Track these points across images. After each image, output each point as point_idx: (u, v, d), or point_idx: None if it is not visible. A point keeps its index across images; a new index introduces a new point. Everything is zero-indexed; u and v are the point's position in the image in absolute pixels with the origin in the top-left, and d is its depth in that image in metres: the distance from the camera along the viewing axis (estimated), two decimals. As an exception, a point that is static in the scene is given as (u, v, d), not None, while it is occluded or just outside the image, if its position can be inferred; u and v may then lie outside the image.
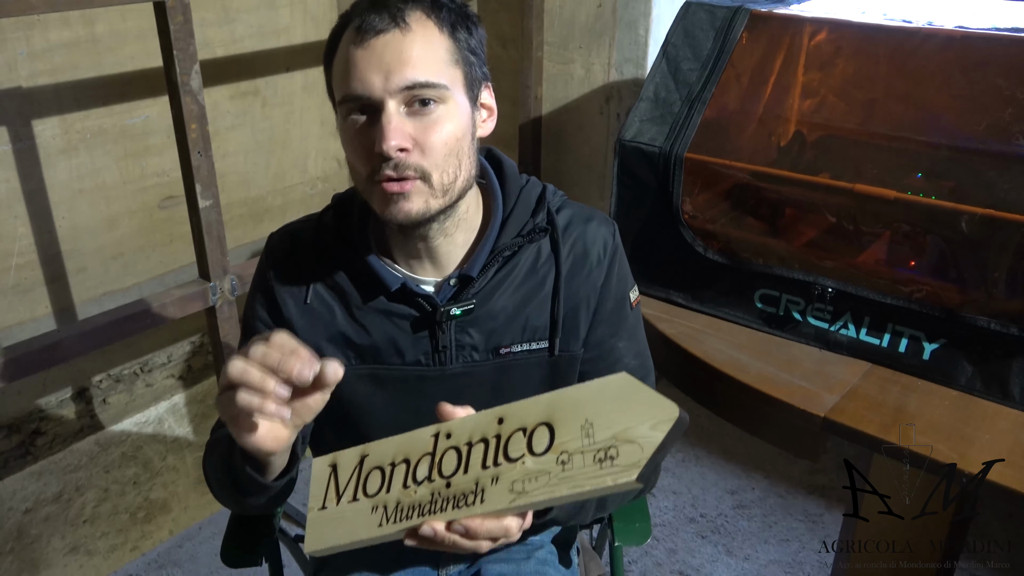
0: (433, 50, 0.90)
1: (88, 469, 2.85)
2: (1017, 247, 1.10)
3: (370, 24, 0.87)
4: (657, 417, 0.66)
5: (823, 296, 1.24)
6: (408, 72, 0.88)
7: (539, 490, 0.71)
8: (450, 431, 0.79)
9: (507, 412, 0.76)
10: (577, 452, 0.70)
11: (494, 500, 0.74)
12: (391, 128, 0.87)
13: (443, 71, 0.90)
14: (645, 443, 0.66)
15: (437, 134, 0.90)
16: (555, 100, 2.57)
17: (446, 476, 0.77)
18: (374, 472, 0.83)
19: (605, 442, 0.68)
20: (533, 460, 0.72)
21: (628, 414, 0.68)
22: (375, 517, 0.81)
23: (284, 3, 2.87)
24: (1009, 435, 1.08)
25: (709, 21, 1.40)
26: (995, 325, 1.11)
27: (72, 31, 2.39)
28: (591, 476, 0.68)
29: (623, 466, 0.67)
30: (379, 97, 0.88)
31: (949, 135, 1.33)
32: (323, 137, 3.20)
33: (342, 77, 0.90)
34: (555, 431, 0.72)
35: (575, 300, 1.04)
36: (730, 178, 1.35)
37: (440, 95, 0.90)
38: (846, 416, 1.11)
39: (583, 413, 0.71)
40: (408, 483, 0.80)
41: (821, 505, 2.19)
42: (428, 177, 0.91)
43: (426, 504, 0.78)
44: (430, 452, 0.80)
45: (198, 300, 1.91)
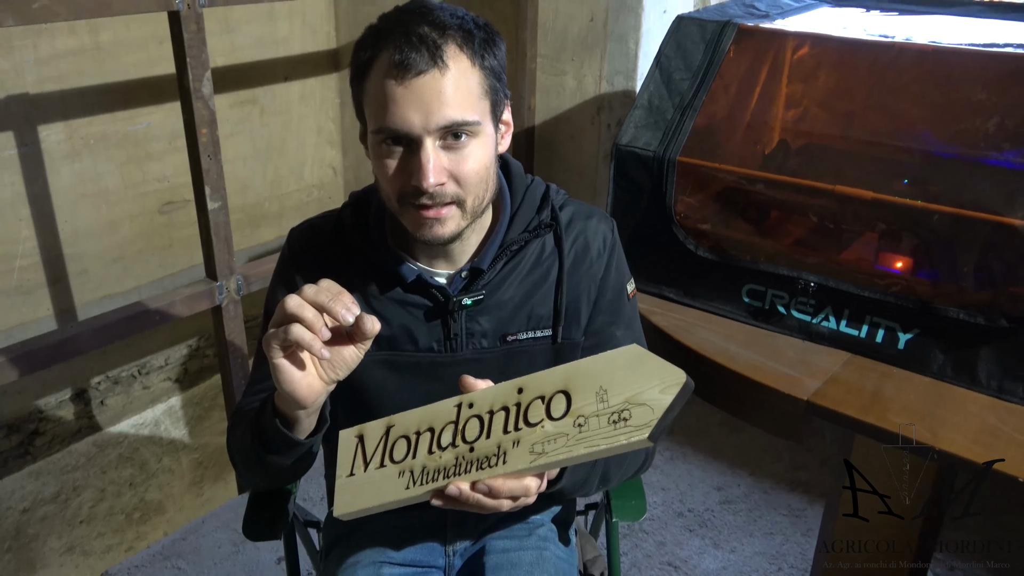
0: (468, 87, 0.95)
1: (86, 470, 2.88)
2: (984, 243, 1.19)
3: (411, 63, 0.91)
4: (666, 381, 0.74)
5: (806, 290, 1.33)
6: (447, 112, 0.93)
7: (558, 450, 0.79)
8: (472, 401, 0.86)
9: (526, 383, 0.83)
10: (593, 415, 0.77)
11: (516, 461, 0.81)
12: (431, 167, 0.94)
13: (476, 106, 0.96)
14: (655, 405, 0.74)
15: (471, 165, 0.97)
16: (548, 110, 2.66)
17: (469, 441, 0.85)
18: (400, 440, 0.90)
19: (619, 405, 0.76)
20: (552, 424, 0.80)
21: (639, 380, 0.76)
22: (402, 481, 0.87)
23: (283, 14, 2.94)
24: (976, 417, 1.17)
25: (700, 34, 1.49)
26: (964, 315, 1.20)
27: (78, 39, 2.45)
28: (606, 436, 0.76)
29: (635, 426, 0.74)
30: (418, 135, 0.94)
31: (923, 142, 1.42)
32: (319, 145, 3.27)
33: (379, 108, 0.95)
34: (572, 398, 0.80)
35: (577, 291, 1.12)
36: (720, 181, 1.43)
37: (473, 130, 0.96)
38: (828, 400, 1.19)
39: (598, 381, 0.78)
40: (433, 449, 0.87)
41: (804, 500, 2.27)
42: (463, 203, 0.99)
43: (451, 467, 0.85)
44: (453, 421, 0.87)
45: (205, 299, 1.97)
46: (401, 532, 1.24)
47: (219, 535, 2.12)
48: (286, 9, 2.93)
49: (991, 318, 1.18)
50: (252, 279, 2.04)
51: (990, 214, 1.18)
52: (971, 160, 1.34)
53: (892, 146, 1.48)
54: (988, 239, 1.19)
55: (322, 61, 3.13)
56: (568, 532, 1.30)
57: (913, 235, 1.28)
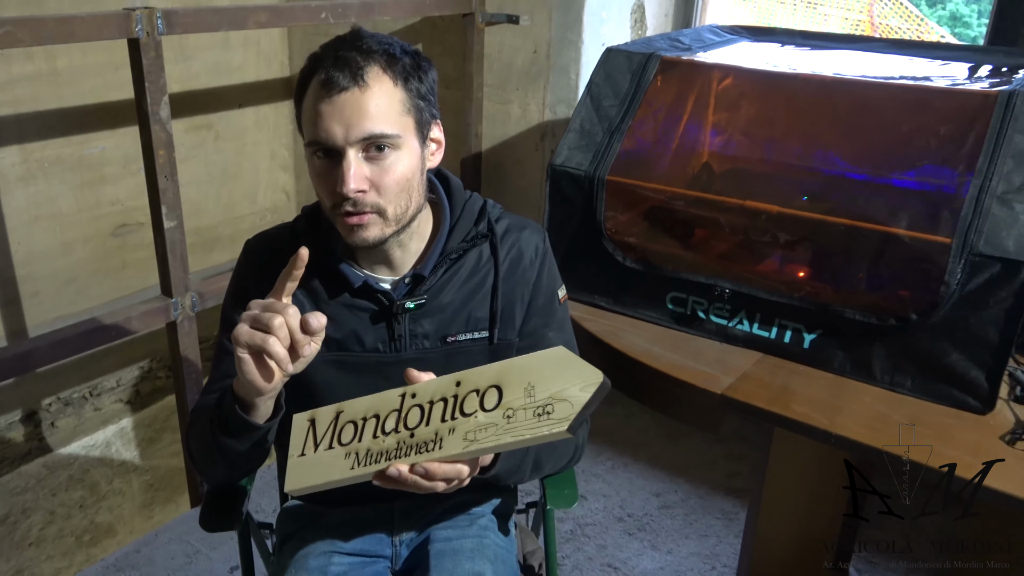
0: (388, 104, 1.07)
1: (35, 492, 2.88)
2: (874, 251, 1.34)
3: (334, 81, 1.03)
4: (586, 381, 0.86)
5: (722, 297, 1.45)
6: (366, 124, 1.05)
7: (488, 439, 0.89)
8: (415, 392, 0.97)
9: (464, 377, 0.94)
10: (520, 408, 0.88)
11: (450, 446, 0.91)
12: (350, 175, 1.05)
13: (397, 121, 1.08)
14: (575, 401, 0.85)
15: (391, 176, 1.08)
16: (495, 137, 2.78)
17: (410, 428, 0.95)
18: (348, 425, 0.99)
19: (543, 400, 0.87)
20: (484, 415, 0.90)
21: (563, 379, 0.87)
22: (348, 461, 0.97)
23: (238, 43, 3.03)
24: (870, 407, 1.30)
25: (626, 64, 1.63)
26: (859, 316, 1.33)
27: (35, 65, 2.51)
28: (531, 427, 0.87)
29: (557, 419, 0.85)
30: (340, 146, 1.05)
31: (827, 163, 1.57)
32: (272, 170, 3.35)
33: (309, 123, 1.07)
34: (503, 392, 0.90)
35: (512, 296, 1.23)
36: (645, 198, 1.56)
37: (394, 142, 1.08)
38: (739, 393, 1.31)
39: (527, 378, 0.90)
40: (377, 434, 0.97)
41: (737, 504, 2.39)
42: (383, 211, 1.10)
43: (392, 451, 0.95)
44: (397, 409, 0.97)
45: (160, 315, 2.04)
46: (351, 525, 1.32)
47: (172, 547, 2.16)
48: (241, 38, 3.01)
49: (882, 318, 1.32)
50: (207, 296, 2.11)
51: (878, 225, 1.32)
52: (865, 178, 1.49)
53: (801, 167, 1.62)
54: (877, 247, 1.33)
55: (276, 89, 3.22)
56: (508, 523, 1.39)
57: (814, 245, 1.42)
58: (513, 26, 2.59)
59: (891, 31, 4.91)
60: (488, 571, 1.23)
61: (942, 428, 1.24)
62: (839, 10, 5.05)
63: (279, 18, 2.13)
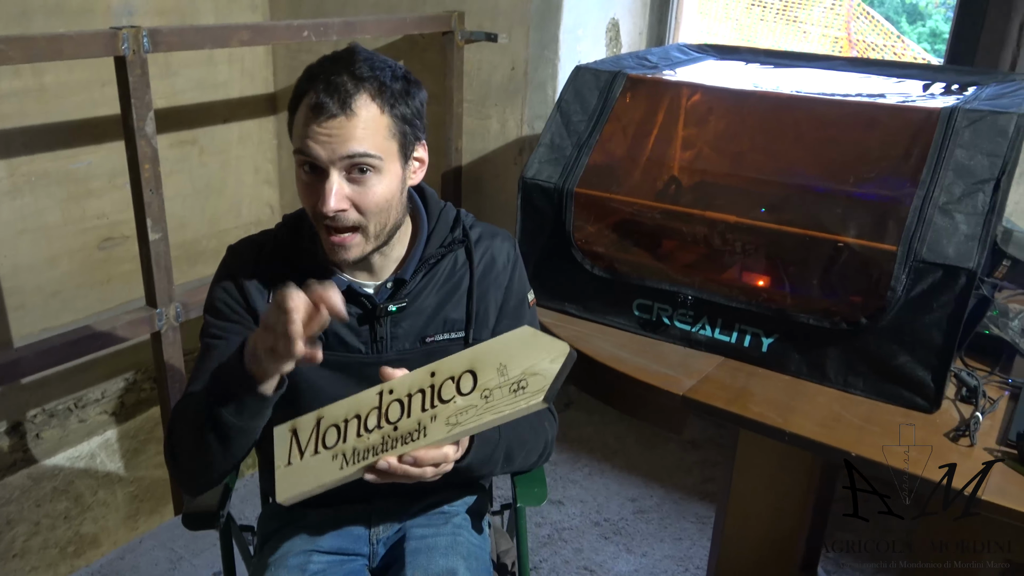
0: (374, 130, 1.12)
1: (19, 503, 2.90)
2: (827, 259, 1.41)
3: (323, 107, 1.09)
4: (554, 353, 0.92)
5: (685, 303, 1.52)
6: (351, 147, 1.10)
7: (469, 420, 0.95)
8: (392, 388, 1.02)
9: (438, 367, 1.00)
10: (496, 387, 0.94)
11: (434, 433, 0.97)
12: (332, 193, 1.11)
13: (380, 145, 1.13)
14: (547, 373, 0.91)
15: (371, 196, 1.14)
16: (474, 151, 2.85)
17: (393, 422, 1.00)
18: (330, 429, 1.04)
19: (517, 376, 0.93)
20: (462, 399, 0.96)
21: (532, 355, 0.93)
22: (336, 463, 1.02)
23: (223, 60, 3.09)
24: (825, 407, 1.36)
25: (594, 82, 1.70)
26: (813, 321, 1.40)
27: (22, 81, 2.56)
28: (509, 403, 0.93)
29: (532, 391, 0.91)
30: (324, 165, 1.11)
31: (785, 176, 1.65)
32: (257, 185, 3.40)
33: (299, 136, 1.13)
34: (477, 375, 0.96)
35: (486, 298, 1.30)
36: (612, 209, 1.63)
37: (376, 165, 1.13)
38: (700, 395, 1.38)
39: (498, 358, 0.95)
40: (361, 432, 1.02)
41: (711, 509, 2.45)
42: (364, 229, 1.16)
43: (378, 445, 1.00)
44: (377, 406, 1.02)
45: (145, 325, 2.08)
46: (330, 524, 1.36)
47: (156, 553, 2.20)
48: (226, 55, 3.07)
49: (834, 322, 1.39)
50: (191, 306, 2.16)
51: (830, 234, 1.39)
52: (822, 191, 1.57)
53: (763, 180, 1.70)
54: (829, 255, 1.40)
55: (260, 104, 3.28)
56: (481, 522, 1.44)
57: (772, 254, 1.49)
58: (491, 44, 2.66)
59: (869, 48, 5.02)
60: (461, 567, 1.28)
61: (892, 427, 1.30)
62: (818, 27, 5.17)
63: (262, 36, 2.20)
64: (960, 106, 1.37)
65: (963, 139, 1.34)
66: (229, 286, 1.25)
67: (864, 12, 5.19)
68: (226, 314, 1.24)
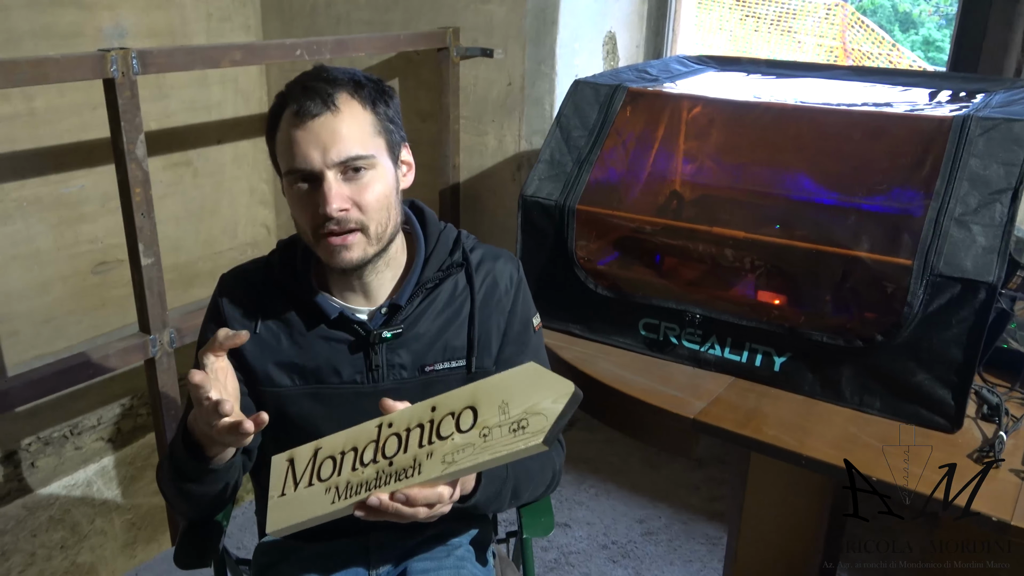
0: (360, 126, 1.11)
1: (15, 533, 2.85)
2: (840, 274, 1.36)
3: (306, 109, 1.07)
4: (557, 392, 0.87)
5: (693, 322, 1.47)
6: (342, 147, 1.08)
7: (466, 459, 0.90)
8: (392, 421, 0.98)
9: (439, 401, 0.95)
10: (496, 426, 0.89)
11: (429, 470, 0.92)
12: (332, 194, 1.08)
13: (369, 142, 1.11)
14: (549, 413, 0.86)
15: (370, 194, 1.11)
16: (471, 168, 2.81)
17: (389, 457, 0.95)
18: (327, 461, 1.00)
19: (518, 416, 0.88)
20: (461, 436, 0.91)
21: (535, 393, 0.88)
22: (328, 496, 0.97)
23: (216, 80, 3.06)
24: (841, 427, 1.32)
25: (594, 96, 1.66)
26: (827, 339, 1.35)
27: (12, 106, 2.52)
28: (507, 443, 0.88)
29: (532, 432, 0.86)
30: (319, 169, 1.08)
31: (792, 189, 1.61)
32: (251, 205, 3.36)
33: (286, 153, 1.10)
34: (478, 412, 0.91)
35: (488, 324, 1.25)
36: (615, 226, 1.59)
37: (369, 163, 1.11)
38: (711, 417, 1.33)
39: (500, 395, 0.91)
40: (356, 466, 0.97)
41: (720, 529, 2.40)
42: (366, 229, 1.13)
43: (372, 480, 0.95)
44: (375, 440, 0.98)
45: (139, 352, 2.03)
46: (327, 559, 1.32)
47: (153, 586, 2.15)
48: (219, 75, 3.04)
49: (848, 340, 1.34)
50: (185, 332, 2.11)
51: (842, 248, 1.35)
52: (831, 203, 1.52)
53: (769, 193, 1.66)
54: (842, 271, 1.35)
55: (254, 125, 3.24)
56: (486, 553, 1.39)
57: (781, 269, 1.45)
58: (487, 59, 2.63)
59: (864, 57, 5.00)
60: (466, 603, 1.23)
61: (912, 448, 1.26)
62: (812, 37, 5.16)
63: (254, 56, 2.16)
64: (973, 114, 1.33)
65: (977, 148, 1.30)
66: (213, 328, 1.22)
67: (858, 21, 5.18)
68: None
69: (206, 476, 1.07)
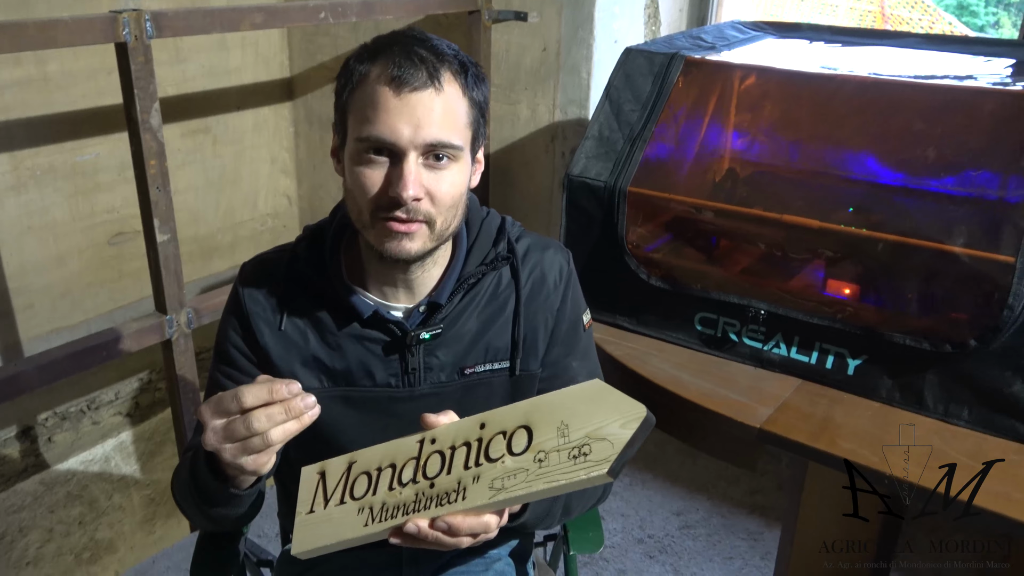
0: (457, 113, 0.98)
1: (32, 509, 2.80)
2: (925, 270, 1.22)
3: (409, 77, 0.94)
4: (627, 416, 0.74)
5: (756, 318, 1.34)
6: (436, 131, 0.95)
7: (517, 486, 0.78)
8: (435, 437, 0.86)
9: (488, 418, 0.83)
10: (553, 450, 0.77)
11: (475, 497, 0.80)
12: (412, 179, 0.95)
13: (461, 133, 0.98)
14: (615, 440, 0.74)
15: (447, 188, 0.98)
16: (502, 139, 2.67)
17: (430, 477, 0.84)
18: (361, 477, 0.88)
19: (579, 440, 0.76)
20: (512, 459, 0.79)
21: (600, 415, 0.76)
22: (361, 518, 0.86)
23: (235, 44, 2.93)
24: (924, 440, 1.19)
25: (648, 66, 1.51)
26: (910, 341, 1.22)
27: (24, 70, 2.41)
28: (566, 471, 0.76)
29: (595, 461, 0.74)
30: (403, 147, 0.95)
31: (866, 170, 1.46)
32: (273, 175, 3.25)
33: (367, 117, 0.96)
34: (533, 433, 0.79)
35: (534, 323, 1.12)
36: (670, 210, 1.45)
37: (454, 153, 0.98)
38: (778, 427, 1.20)
39: (559, 415, 0.78)
40: (394, 485, 0.85)
41: (761, 524, 2.29)
42: (433, 224, 1.00)
43: (410, 503, 0.83)
44: (415, 456, 0.86)
45: (155, 333, 1.93)
46: (357, 570, 1.22)
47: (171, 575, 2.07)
48: (239, 39, 2.91)
49: (935, 343, 1.20)
50: (203, 312, 2.01)
51: (930, 242, 1.21)
52: (912, 188, 1.38)
53: (836, 175, 1.51)
54: (929, 266, 1.21)
55: (275, 90, 3.12)
56: (526, 566, 1.29)
57: (858, 262, 1.31)
58: (521, 24, 2.48)
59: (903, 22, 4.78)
60: (504, 622, 1.13)
61: (1006, 467, 1.13)
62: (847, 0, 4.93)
63: (275, 19, 2.02)
64: (1086, 91, 1.17)
65: (1090, 130, 1.15)
66: (235, 324, 1.11)
67: (897, -17, 4.95)
68: (231, 358, 1.11)
69: (234, 499, 0.96)
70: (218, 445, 0.84)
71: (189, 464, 1.00)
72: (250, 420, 0.82)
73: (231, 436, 0.83)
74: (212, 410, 0.85)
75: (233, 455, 0.85)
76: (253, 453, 0.84)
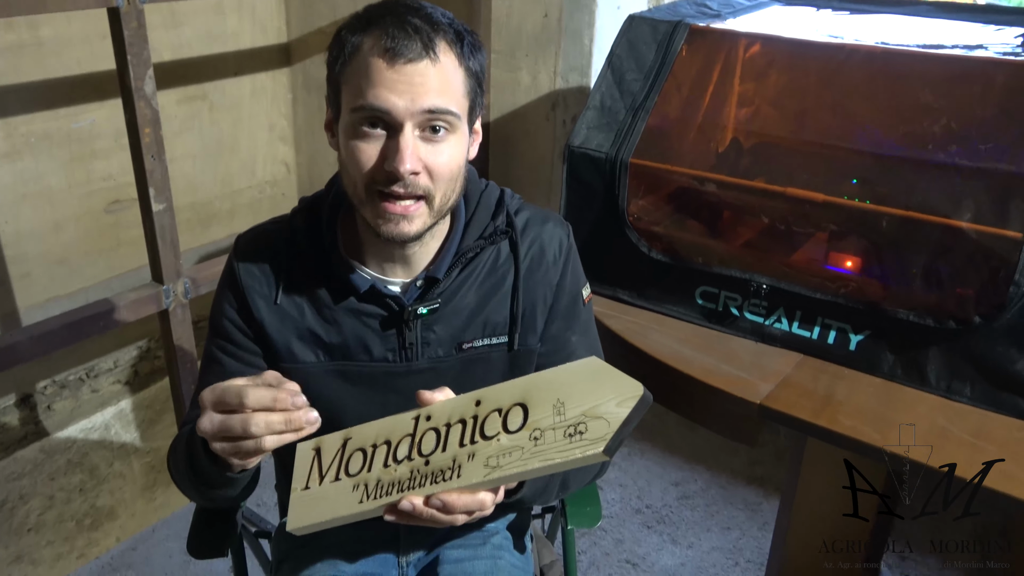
0: (454, 83, 0.95)
1: (32, 477, 2.81)
2: (931, 245, 1.20)
3: (403, 49, 0.91)
4: (623, 394, 0.73)
5: (758, 292, 1.33)
6: (432, 98, 0.92)
7: (512, 464, 0.77)
8: (430, 414, 0.85)
9: (484, 395, 0.82)
10: (549, 428, 0.76)
11: (470, 475, 0.79)
12: (408, 152, 0.93)
13: (459, 102, 0.96)
14: (612, 418, 0.73)
15: (446, 160, 0.96)
16: (503, 107, 2.64)
17: (425, 455, 0.83)
18: (356, 453, 0.88)
19: (575, 418, 0.75)
20: (508, 437, 0.78)
21: (596, 393, 0.75)
22: (356, 495, 0.85)
23: (232, 8, 2.87)
24: (927, 418, 1.18)
25: (651, 34, 1.48)
26: (913, 317, 1.20)
27: (16, 34, 2.37)
28: (561, 449, 0.75)
29: (591, 439, 0.73)
30: (399, 118, 0.93)
31: (872, 143, 1.43)
32: (271, 142, 3.21)
33: (362, 87, 0.93)
34: (529, 410, 0.78)
35: (533, 297, 1.11)
36: (672, 182, 1.43)
37: (451, 123, 0.96)
38: (780, 403, 1.19)
39: (555, 393, 0.77)
40: (389, 462, 0.85)
41: (760, 494, 2.29)
42: (431, 198, 0.97)
43: (405, 481, 0.83)
44: (410, 433, 0.85)
45: (151, 303, 1.92)
46: (354, 544, 1.22)
47: (170, 544, 2.08)
48: (235, 3, 2.86)
49: (939, 320, 1.19)
50: (200, 282, 2.00)
51: (937, 216, 1.19)
52: (919, 161, 1.35)
53: (841, 147, 1.48)
54: (935, 241, 1.20)
55: (273, 56, 3.07)
56: (523, 539, 1.29)
57: (863, 237, 1.29)
58: (523, -12, 2.43)
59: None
60: (502, 596, 1.13)
61: (1010, 444, 1.12)
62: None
63: (272, -18, 1.98)
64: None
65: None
66: (230, 297, 1.09)
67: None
68: (226, 332, 1.09)
69: (232, 481, 0.95)
70: (211, 436, 0.83)
71: (185, 442, 0.99)
72: (248, 422, 0.80)
73: (226, 432, 0.82)
74: (213, 400, 0.83)
75: (223, 451, 0.84)
76: (243, 453, 0.83)
